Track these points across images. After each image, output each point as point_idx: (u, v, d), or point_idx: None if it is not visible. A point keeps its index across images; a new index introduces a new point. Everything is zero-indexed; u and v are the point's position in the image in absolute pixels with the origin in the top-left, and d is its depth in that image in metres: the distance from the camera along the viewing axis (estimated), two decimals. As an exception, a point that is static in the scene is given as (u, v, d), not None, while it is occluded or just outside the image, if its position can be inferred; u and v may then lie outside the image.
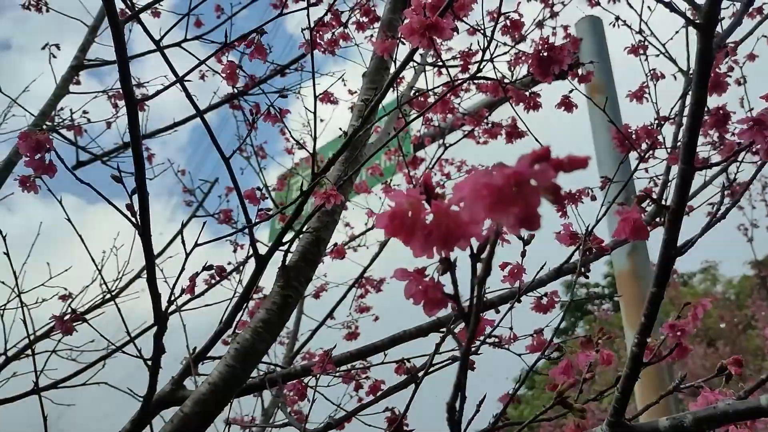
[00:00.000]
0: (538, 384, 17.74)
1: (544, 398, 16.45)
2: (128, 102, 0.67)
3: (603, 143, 3.64)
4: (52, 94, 1.68)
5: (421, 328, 1.28)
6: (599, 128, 3.59)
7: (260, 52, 1.00)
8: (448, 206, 0.38)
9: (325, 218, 1.21)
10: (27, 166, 0.85)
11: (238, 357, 1.11)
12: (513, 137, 1.71)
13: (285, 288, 1.16)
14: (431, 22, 0.91)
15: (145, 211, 0.76)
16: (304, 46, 1.31)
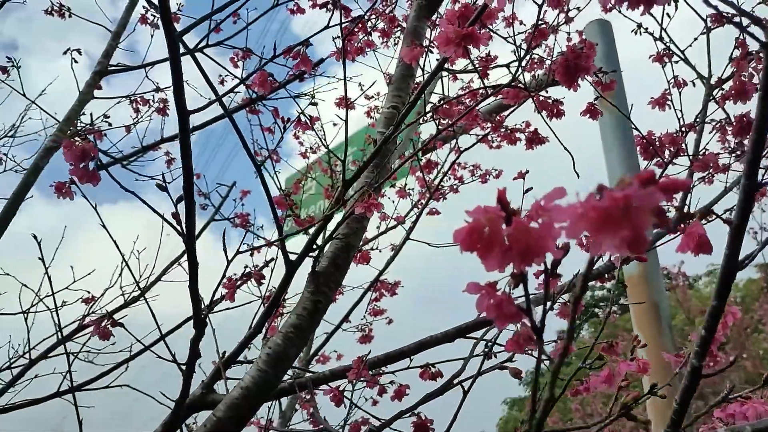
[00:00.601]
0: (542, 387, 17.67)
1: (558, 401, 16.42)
2: (181, 119, 0.69)
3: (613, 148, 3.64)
4: (76, 99, 1.70)
5: (448, 334, 1.29)
6: (608, 132, 3.59)
7: (305, 64, 1.01)
8: (527, 223, 0.39)
9: (354, 225, 1.22)
10: (71, 174, 0.86)
11: (270, 362, 1.12)
12: (534, 143, 1.72)
13: (315, 293, 1.17)
14: (467, 32, 0.92)
15: (191, 220, 0.77)
16: (335, 54, 1.32)
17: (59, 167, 2.33)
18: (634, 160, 4.01)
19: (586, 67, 1.26)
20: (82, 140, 0.81)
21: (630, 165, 3.97)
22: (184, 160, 0.73)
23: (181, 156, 0.73)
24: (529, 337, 0.69)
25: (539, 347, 0.45)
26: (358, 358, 1.05)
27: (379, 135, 1.30)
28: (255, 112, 2.40)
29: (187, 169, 0.74)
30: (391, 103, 1.33)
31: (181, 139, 0.71)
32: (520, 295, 0.46)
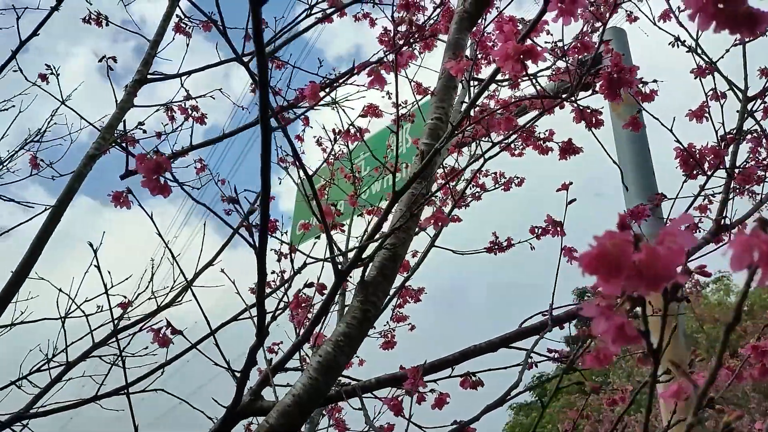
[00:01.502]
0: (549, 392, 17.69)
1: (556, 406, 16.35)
2: (264, 133, 0.71)
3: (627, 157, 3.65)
4: (116, 107, 1.73)
5: (492, 343, 1.30)
6: (623, 142, 3.60)
7: (380, 82, 1.03)
8: (657, 250, 0.41)
9: (401, 235, 1.23)
10: (143, 186, 0.88)
11: (321, 370, 1.14)
12: (568, 153, 1.73)
13: (364, 303, 1.19)
14: (527, 48, 0.94)
15: (264, 233, 0.79)
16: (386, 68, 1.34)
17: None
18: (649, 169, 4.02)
19: (629, 81, 1.27)
20: (158, 154, 0.83)
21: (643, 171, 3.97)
22: (263, 175, 0.75)
23: (261, 173, 0.75)
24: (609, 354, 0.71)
25: (654, 367, 0.46)
26: (414, 368, 1.07)
27: (423, 146, 1.31)
28: (285, 120, 2.42)
29: (265, 184, 0.76)
30: (434, 115, 1.35)
31: (263, 157, 0.73)
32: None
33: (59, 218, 1.50)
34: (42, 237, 1.47)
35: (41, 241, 1.47)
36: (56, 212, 1.50)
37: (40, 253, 1.47)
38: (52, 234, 1.49)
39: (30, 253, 1.45)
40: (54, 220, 1.49)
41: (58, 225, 1.58)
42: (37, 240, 1.47)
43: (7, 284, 1.43)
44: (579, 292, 21.71)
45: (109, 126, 1.67)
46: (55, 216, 1.49)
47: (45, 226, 1.48)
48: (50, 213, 1.50)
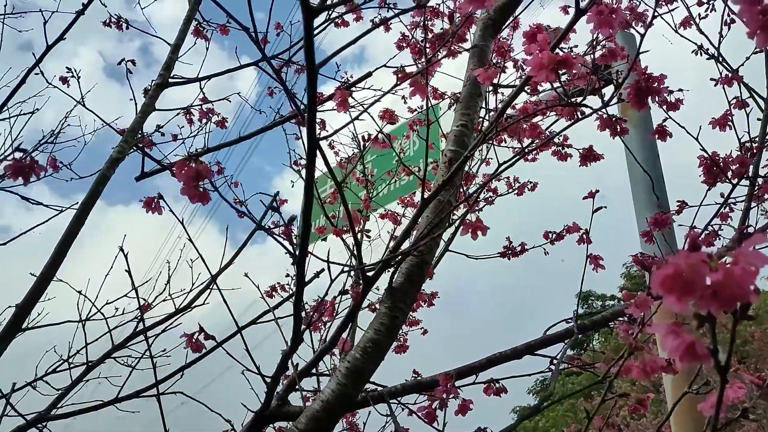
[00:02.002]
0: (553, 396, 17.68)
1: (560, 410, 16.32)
2: (310, 144, 0.71)
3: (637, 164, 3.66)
4: (139, 111, 1.73)
5: (517, 350, 1.30)
6: (632, 148, 3.61)
7: (421, 91, 1.03)
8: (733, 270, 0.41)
9: (429, 241, 1.24)
10: (183, 194, 0.89)
11: (349, 375, 1.14)
12: (588, 160, 1.73)
13: (392, 309, 1.19)
14: (562, 58, 0.94)
15: (305, 242, 0.80)
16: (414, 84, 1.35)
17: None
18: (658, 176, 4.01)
19: (657, 90, 1.28)
20: (198, 162, 0.83)
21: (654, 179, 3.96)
22: (307, 185, 0.75)
23: (305, 185, 0.75)
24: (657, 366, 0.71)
25: (722, 384, 0.47)
26: (446, 374, 1.07)
27: (449, 153, 1.32)
28: (302, 123, 2.43)
29: (308, 193, 0.77)
30: (460, 122, 1.36)
31: (308, 168, 0.74)
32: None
33: (83, 221, 1.51)
34: (66, 240, 1.48)
35: (65, 244, 1.48)
36: (80, 215, 1.50)
37: (64, 256, 1.48)
38: (76, 237, 1.50)
39: (54, 257, 1.46)
40: (78, 223, 1.50)
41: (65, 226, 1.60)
42: (61, 243, 1.47)
43: (31, 289, 1.43)
44: (583, 296, 21.68)
45: (132, 129, 1.68)
46: (80, 219, 1.50)
47: (69, 228, 1.49)
48: (75, 216, 1.50)
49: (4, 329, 1.39)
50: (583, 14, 1.09)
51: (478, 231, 1.02)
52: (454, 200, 1.26)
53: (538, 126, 1.47)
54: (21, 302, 1.42)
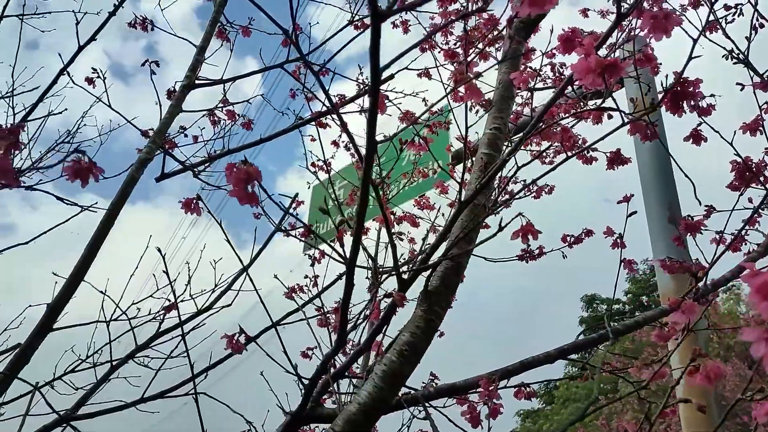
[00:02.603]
0: (557, 399, 17.62)
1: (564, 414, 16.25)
2: (369, 146, 0.71)
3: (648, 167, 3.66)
4: (166, 113, 1.74)
5: (550, 355, 1.30)
6: (644, 152, 3.61)
7: (476, 95, 1.03)
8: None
9: (464, 245, 1.24)
10: (232, 196, 0.89)
11: (386, 378, 1.14)
12: (615, 164, 1.73)
13: (428, 312, 1.19)
14: (610, 62, 0.94)
15: (357, 246, 0.80)
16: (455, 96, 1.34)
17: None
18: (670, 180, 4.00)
19: (693, 94, 1.27)
20: (248, 165, 0.83)
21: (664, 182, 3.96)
22: (362, 192, 0.75)
23: (361, 190, 0.75)
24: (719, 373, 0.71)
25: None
26: (487, 378, 1.07)
27: (484, 156, 1.32)
28: (323, 126, 2.43)
29: (363, 198, 0.77)
30: (493, 125, 1.35)
31: (365, 172, 0.74)
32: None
33: (113, 222, 1.51)
34: (96, 241, 1.48)
35: (95, 245, 1.48)
36: (110, 216, 1.50)
37: (94, 257, 1.48)
38: (105, 238, 1.50)
39: (84, 258, 1.46)
40: (108, 223, 1.50)
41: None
42: (91, 244, 1.47)
43: (61, 289, 1.43)
44: (588, 299, 21.46)
45: (159, 131, 1.68)
46: (109, 219, 1.50)
47: (99, 229, 1.49)
48: (104, 217, 1.50)
49: (36, 329, 1.39)
50: (624, 18, 1.09)
51: (530, 235, 1.02)
52: (488, 203, 1.26)
53: (569, 130, 1.47)
54: (52, 303, 1.42)
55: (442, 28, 1.30)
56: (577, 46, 1.20)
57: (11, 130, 1.19)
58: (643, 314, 1.36)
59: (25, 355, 1.38)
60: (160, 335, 1.90)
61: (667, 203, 4.16)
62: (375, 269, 2.77)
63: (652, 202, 4.06)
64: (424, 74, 2.07)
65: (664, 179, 4.07)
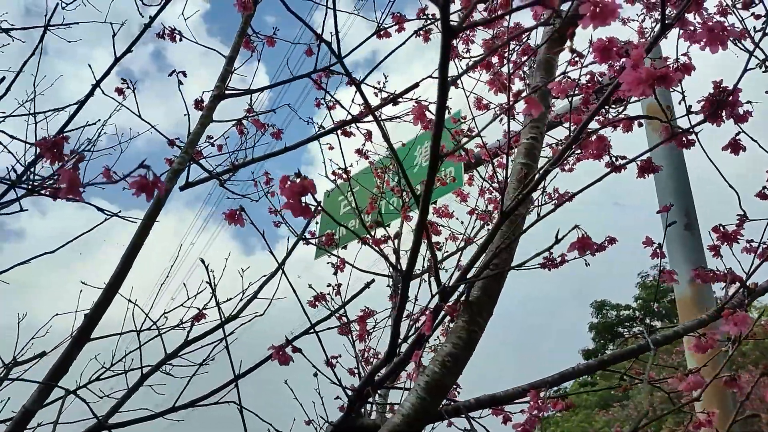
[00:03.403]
0: (567, 407, 17.49)
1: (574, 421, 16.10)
2: (433, 158, 0.71)
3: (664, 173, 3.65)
4: (198, 123, 1.75)
5: (590, 366, 1.29)
6: (659, 158, 3.59)
7: (536, 107, 1.03)
8: None
9: (504, 255, 1.23)
10: (285, 208, 0.89)
11: (429, 389, 1.14)
12: (647, 172, 1.72)
13: (470, 323, 1.19)
14: (662, 72, 0.94)
15: (413, 258, 0.80)
16: (495, 89, 1.35)
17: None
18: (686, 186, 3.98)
19: (733, 102, 1.27)
20: (303, 178, 0.84)
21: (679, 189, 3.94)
22: (424, 201, 0.76)
23: (422, 198, 0.75)
24: None
25: None
26: (535, 390, 1.06)
27: (521, 166, 1.32)
28: (347, 134, 2.44)
29: (425, 208, 0.77)
30: (530, 135, 1.35)
31: (427, 185, 0.74)
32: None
33: (148, 232, 1.52)
34: (132, 251, 1.49)
35: (131, 255, 1.49)
36: (145, 226, 1.51)
37: (130, 267, 1.48)
38: (140, 249, 1.51)
39: (120, 268, 1.47)
40: (143, 234, 1.51)
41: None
42: (126, 254, 1.48)
43: (98, 299, 1.44)
44: (597, 305, 21.32)
45: (191, 142, 1.69)
46: (144, 230, 1.51)
47: (134, 240, 1.50)
48: (139, 227, 1.51)
49: (74, 339, 1.40)
50: (669, 28, 1.09)
51: (586, 248, 1.02)
52: (527, 213, 1.26)
53: (604, 138, 1.47)
54: (90, 312, 1.43)
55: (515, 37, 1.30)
56: (614, 55, 1.20)
57: (55, 142, 1.20)
58: (683, 325, 1.35)
59: (64, 364, 1.39)
60: (189, 344, 1.91)
61: (683, 210, 4.14)
62: (396, 277, 2.77)
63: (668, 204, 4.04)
64: (451, 83, 2.07)
65: (681, 186, 4.05)
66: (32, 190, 1.27)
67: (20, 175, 1.40)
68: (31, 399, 1.36)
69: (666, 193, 4.01)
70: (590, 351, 20.77)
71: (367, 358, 2.46)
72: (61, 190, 0.78)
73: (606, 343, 21.07)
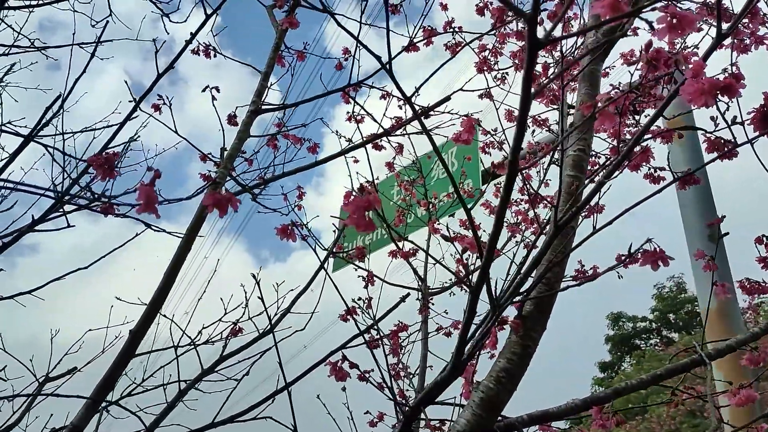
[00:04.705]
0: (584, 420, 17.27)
1: (592, 436, 15.84)
2: (511, 172, 0.71)
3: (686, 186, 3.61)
4: (235, 138, 1.76)
5: (643, 381, 1.27)
6: (680, 167, 3.56)
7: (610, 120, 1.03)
8: None
9: (556, 269, 1.22)
10: (350, 223, 0.88)
11: (484, 405, 1.13)
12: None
13: (524, 338, 1.17)
14: (726, 83, 0.93)
15: (486, 273, 0.79)
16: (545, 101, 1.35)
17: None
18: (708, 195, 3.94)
19: (785, 113, 1.25)
20: (369, 194, 0.83)
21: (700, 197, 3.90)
22: (497, 219, 0.75)
23: (497, 211, 0.75)
24: None
25: None
26: (599, 406, 1.04)
27: (569, 178, 1.31)
28: (378, 148, 2.45)
29: (499, 220, 0.76)
30: (577, 146, 1.34)
31: (503, 198, 0.73)
32: None
33: (190, 247, 1.52)
34: (174, 266, 1.49)
35: (174, 270, 1.49)
36: (187, 240, 1.52)
37: (173, 282, 1.49)
38: (184, 262, 1.51)
39: (164, 283, 1.47)
40: (185, 249, 1.51)
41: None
42: (169, 269, 1.49)
43: (142, 315, 1.44)
44: (613, 317, 21.05)
45: (230, 157, 1.70)
46: (186, 244, 1.51)
47: (177, 254, 1.50)
48: (181, 242, 1.52)
49: (120, 355, 1.40)
50: (725, 38, 1.08)
51: (660, 262, 1.00)
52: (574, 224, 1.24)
53: (649, 150, 1.46)
54: (134, 328, 1.43)
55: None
56: (661, 66, 1.20)
57: (107, 159, 1.21)
58: (735, 339, 1.32)
59: (110, 380, 1.39)
60: (225, 359, 1.91)
61: (706, 220, 4.08)
62: (425, 291, 2.76)
63: (691, 219, 4.00)
64: (486, 95, 2.08)
65: (704, 197, 4.01)
66: (84, 206, 1.27)
67: (67, 190, 1.40)
68: (78, 416, 1.36)
69: (688, 204, 3.97)
70: (606, 363, 20.53)
71: (398, 372, 2.44)
72: (139, 207, 0.78)
73: (623, 356, 20.80)
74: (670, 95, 1.10)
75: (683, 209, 4.02)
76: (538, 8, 0.60)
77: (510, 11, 0.52)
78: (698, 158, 3.93)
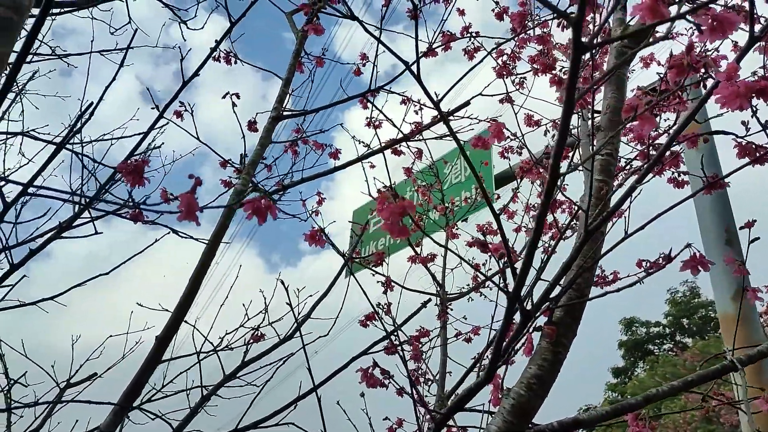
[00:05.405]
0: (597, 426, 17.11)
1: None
2: (552, 180, 0.70)
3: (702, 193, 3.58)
4: (257, 144, 1.77)
5: (674, 388, 1.25)
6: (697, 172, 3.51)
7: (651, 123, 1.02)
8: None
9: (586, 275, 1.21)
10: (384, 229, 0.88)
11: (515, 412, 1.11)
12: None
13: (555, 344, 1.16)
14: (762, 86, 0.92)
15: (522, 280, 0.78)
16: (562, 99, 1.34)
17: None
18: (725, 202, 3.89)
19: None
20: (404, 199, 0.83)
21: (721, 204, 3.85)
22: (537, 224, 0.74)
23: (536, 219, 0.74)
24: None
25: None
26: (635, 413, 1.03)
27: (597, 182, 1.30)
28: (398, 153, 2.44)
29: (538, 228, 0.76)
30: (604, 151, 1.33)
31: (543, 204, 0.73)
32: None
33: (214, 253, 1.53)
34: (199, 273, 1.50)
35: (199, 276, 1.50)
36: (212, 247, 1.52)
37: (198, 288, 1.49)
38: (208, 268, 1.52)
39: (189, 289, 1.48)
40: (209, 256, 1.51)
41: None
42: (194, 276, 1.49)
43: (168, 321, 1.45)
44: (626, 322, 20.84)
45: (253, 163, 1.71)
46: (211, 251, 1.52)
47: (202, 261, 1.51)
48: (206, 249, 1.52)
49: (147, 361, 1.40)
50: (757, 41, 1.07)
51: (700, 267, 0.99)
52: (602, 228, 1.23)
53: (678, 154, 1.45)
54: (160, 334, 1.44)
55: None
56: (690, 70, 1.18)
57: (136, 166, 1.22)
58: (766, 344, 1.30)
59: (137, 386, 1.39)
60: (246, 364, 1.91)
61: (723, 225, 4.03)
62: (443, 296, 2.75)
63: (708, 223, 3.95)
64: (506, 100, 2.07)
65: (720, 201, 3.96)
66: (112, 212, 1.28)
67: (95, 196, 1.42)
68: (106, 422, 1.36)
69: (705, 209, 3.93)
70: (620, 369, 20.33)
71: (417, 378, 2.43)
72: (180, 214, 0.78)
73: (636, 361, 20.59)
74: (703, 98, 1.09)
75: (700, 213, 3.98)
76: (584, 11, 0.60)
77: (553, 13, 0.52)
78: (715, 162, 3.90)
